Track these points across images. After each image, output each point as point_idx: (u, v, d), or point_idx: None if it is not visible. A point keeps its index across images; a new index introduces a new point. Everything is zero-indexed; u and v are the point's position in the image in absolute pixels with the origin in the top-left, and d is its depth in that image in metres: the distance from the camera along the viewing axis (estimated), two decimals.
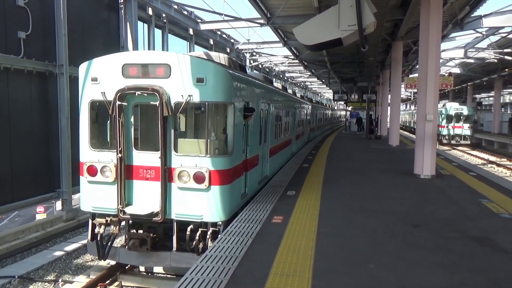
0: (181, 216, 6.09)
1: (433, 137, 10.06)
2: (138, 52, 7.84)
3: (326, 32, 7.26)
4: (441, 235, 5.47)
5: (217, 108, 6.27)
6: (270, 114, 9.50)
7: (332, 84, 40.00)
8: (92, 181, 6.38)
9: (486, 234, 5.52)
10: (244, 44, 24.09)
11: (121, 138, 6.12)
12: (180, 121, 6.35)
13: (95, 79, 6.35)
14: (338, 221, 6.15)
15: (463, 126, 34.05)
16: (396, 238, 5.37)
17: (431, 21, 9.67)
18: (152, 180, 6.14)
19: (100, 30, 13.04)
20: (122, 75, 6.15)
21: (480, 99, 53.52)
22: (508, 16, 16.27)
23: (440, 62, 11.09)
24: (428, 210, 6.96)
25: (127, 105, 6.17)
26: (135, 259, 6.50)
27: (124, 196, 6.15)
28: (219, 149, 6.30)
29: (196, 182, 5.95)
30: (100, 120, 6.68)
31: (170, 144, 6.05)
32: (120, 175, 6.12)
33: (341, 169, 11.54)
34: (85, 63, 6.57)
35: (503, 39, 20.53)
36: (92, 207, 6.43)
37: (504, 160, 25.51)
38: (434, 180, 9.75)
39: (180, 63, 5.96)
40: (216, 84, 6.00)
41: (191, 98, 5.91)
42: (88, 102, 6.47)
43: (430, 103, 9.85)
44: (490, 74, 31.38)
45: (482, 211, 6.85)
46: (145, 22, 15.61)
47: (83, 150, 6.57)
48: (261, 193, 7.97)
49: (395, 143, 18.97)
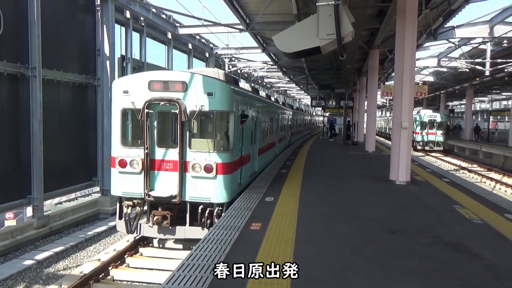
0: (194, 198, 7.78)
1: (408, 144, 10.28)
2: (161, 72, 9.72)
3: (305, 41, 7.32)
4: (417, 241, 5.56)
5: (222, 115, 8.03)
6: (258, 120, 11.12)
7: (310, 90, 40.46)
8: (122, 172, 7.99)
9: (459, 240, 5.65)
10: (223, 49, 24.05)
11: (147, 138, 7.78)
12: (194, 125, 7.97)
13: (126, 92, 7.93)
14: (316, 228, 6.17)
15: (436, 133, 35.11)
16: (374, 245, 5.43)
17: (406, 31, 9.91)
18: (171, 170, 7.87)
19: (75, 32, 12.76)
20: (148, 89, 7.79)
21: (452, 106, 55.17)
22: (479, 28, 16.90)
23: (415, 70, 11.37)
24: (404, 216, 7.09)
25: (152, 112, 7.81)
26: (156, 232, 8.09)
27: (149, 183, 7.84)
28: (223, 146, 8.03)
29: (206, 172, 7.68)
30: (129, 124, 8.28)
31: (186, 143, 7.77)
32: (146, 166, 7.81)
33: (319, 175, 11.62)
34: (119, 79, 8.59)
35: (474, 49, 21.25)
36: (121, 192, 8.07)
37: (475, 166, 26.34)
38: (409, 186, 9.94)
39: (194, 81, 7.73)
40: (222, 97, 7.81)
41: (202, 107, 7.67)
42: (120, 110, 8.04)
43: (406, 111, 10.06)
44: (462, 83, 32.38)
45: (455, 217, 7.01)
46: (123, 25, 15.35)
47: (115, 147, 8.13)
48: (240, 199, 7.94)
49: (371, 149, 19.29)
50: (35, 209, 10.96)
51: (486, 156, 26.96)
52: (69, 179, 12.56)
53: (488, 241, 5.68)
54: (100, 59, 13.52)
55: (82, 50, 13.11)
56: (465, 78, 30.44)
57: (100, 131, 13.58)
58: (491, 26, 16.58)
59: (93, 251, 9.82)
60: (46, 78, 11.24)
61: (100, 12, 13.44)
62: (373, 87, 20.23)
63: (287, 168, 12.49)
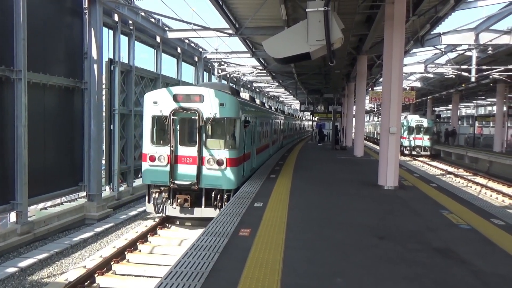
0: (208, 185, 10.11)
1: (397, 149, 10.36)
2: (183, 87, 11.45)
3: (294, 46, 7.33)
4: (406, 247, 5.58)
5: (231, 121, 10.32)
6: (256, 125, 13.34)
7: (299, 95, 40.59)
8: (151, 165, 10.32)
9: (447, 245, 5.69)
10: (213, 53, 24.03)
11: (172, 138, 10.14)
12: (208, 128, 10.19)
13: (155, 102, 10.26)
14: (305, 233, 6.15)
15: (423, 138, 35.57)
16: (363, 251, 5.43)
17: (394, 37, 10.02)
18: (190, 164, 10.20)
19: (62, 35, 12.57)
20: (173, 100, 10.13)
21: (438, 112, 55.97)
22: (464, 35, 17.17)
23: (403, 76, 11.48)
24: (392, 221, 7.11)
25: (176, 118, 10.19)
26: (178, 212, 10.38)
27: (173, 173, 10.18)
28: (231, 145, 10.27)
29: (218, 165, 10.05)
30: (157, 127, 10.46)
31: (202, 142, 10.09)
32: (171, 161, 10.16)
33: (308, 179, 11.64)
34: (150, 93, 10.64)
35: (460, 56, 21.60)
36: (150, 180, 10.44)
37: (461, 170, 26.74)
38: (398, 191, 10.00)
39: (210, 94, 10.06)
40: (231, 106, 10.17)
41: (216, 115, 10.01)
42: (150, 116, 10.36)
43: (394, 116, 10.15)
44: (448, 89, 32.88)
45: (443, 222, 7.06)
46: (111, 29, 15.21)
47: (146, 145, 10.44)
48: (228, 205, 7.89)
49: (360, 153, 19.41)
50: (18, 215, 10.71)
51: (471, 161, 27.37)
52: (55, 184, 12.32)
53: (475, 246, 5.72)
54: (87, 63, 13.33)
55: (69, 53, 12.92)
56: (451, 84, 30.92)
57: (87, 135, 13.37)
58: (476, 33, 16.88)
59: (78, 258, 9.64)
60: (32, 82, 11.04)
61: (88, 15, 13.27)
62: (362, 92, 20.42)
63: (276, 173, 12.47)
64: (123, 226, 12.39)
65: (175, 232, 11.00)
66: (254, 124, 12.86)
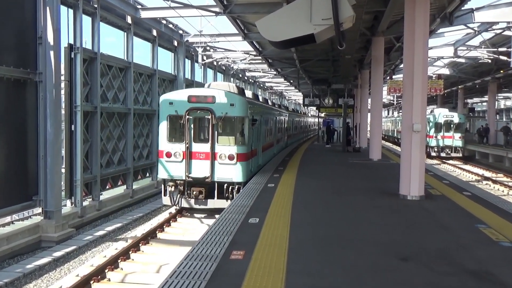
0: (220, 178, 13.22)
1: (422, 150, 10.40)
2: (197, 89, 15.15)
3: (295, 27, 7.34)
4: (433, 270, 5.60)
5: (240, 119, 13.61)
6: (261, 123, 16.62)
7: (302, 86, 40.70)
8: (167, 161, 13.46)
9: (484, 267, 5.71)
10: (196, 36, 24.04)
11: (187, 135, 13.25)
12: (220, 126, 13.28)
13: (171, 103, 13.46)
14: (311, 255, 6.16)
15: (453, 136, 35.41)
16: (380, 275, 5.44)
17: (417, 14, 10.05)
18: (203, 159, 13.29)
19: (10, 16, 12.51)
20: (188, 101, 13.28)
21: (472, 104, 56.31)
22: (503, 10, 17.21)
23: (428, 61, 11.54)
24: (417, 238, 7.13)
25: (190, 118, 13.25)
26: (192, 204, 13.67)
27: (188, 168, 13.31)
28: (241, 141, 13.49)
29: (229, 160, 13.14)
30: (172, 125, 13.64)
31: (215, 139, 13.19)
32: (186, 156, 13.28)
33: (314, 188, 11.65)
34: (166, 94, 14.30)
35: (497, 36, 21.73)
36: (167, 175, 13.56)
37: (501, 175, 26.86)
38: (423, 202, 10.04)
39: (220, 95, 13.25)
40: (240, 106, 13.41)
41: (226, 114, 13.11)
42: (167, 116, 13.54)
43: (417, 110, 10.18)
44: (483, 76, 33.06)
45: (479, 239, 7.10)
46: (70, 7, 15.17)
47: (162, 142, 13.71)
48: (218, 222, 7.89)
49: (377, 156, 19.48)
50: None
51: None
52: (2, 198, 12.23)
53: None
54: (42, 49, 13.27)
55: (19, 38, 12.87)
56: (486, 71, 31.13)
57: (42, 138, 13.30)
58: None
59: None
60: None
61: None
62: (378, 82, 20.47)
63: (276, 181, 12.49)
64: (88, 250, 12.34)
65: (152, 256, 10.97)
66: (260, 122, 16.00)
